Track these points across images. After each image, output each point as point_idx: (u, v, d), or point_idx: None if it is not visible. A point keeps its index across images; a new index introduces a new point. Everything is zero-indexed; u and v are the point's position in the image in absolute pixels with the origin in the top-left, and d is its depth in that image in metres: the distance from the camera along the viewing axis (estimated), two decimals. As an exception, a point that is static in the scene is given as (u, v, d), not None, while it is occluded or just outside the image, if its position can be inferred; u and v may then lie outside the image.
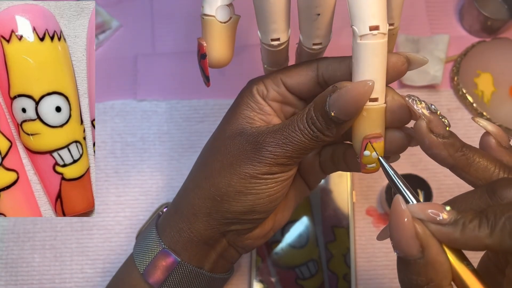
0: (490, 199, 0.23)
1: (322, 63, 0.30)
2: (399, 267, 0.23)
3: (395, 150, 0.29)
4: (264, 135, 0.30)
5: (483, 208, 0.22)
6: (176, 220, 0.33)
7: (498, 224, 0.21)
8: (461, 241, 0.22)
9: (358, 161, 0.29)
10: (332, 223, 0.45)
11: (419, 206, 0.23)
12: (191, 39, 0.51)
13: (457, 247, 0.22)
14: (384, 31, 0.26)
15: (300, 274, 0.43)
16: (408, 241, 0.22)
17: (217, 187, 0.31)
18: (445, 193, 0.45)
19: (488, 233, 0.21)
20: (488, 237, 0.21)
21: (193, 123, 0.48)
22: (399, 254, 0.23)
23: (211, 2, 0.29)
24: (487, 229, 0.21)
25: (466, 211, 0.22)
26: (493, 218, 0.21)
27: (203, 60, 0.30)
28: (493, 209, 0.22)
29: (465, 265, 0.23)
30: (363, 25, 0.26)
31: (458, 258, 0.23)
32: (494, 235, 0.21)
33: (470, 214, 0.22)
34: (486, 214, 0.21)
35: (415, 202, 0.25)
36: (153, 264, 0.33)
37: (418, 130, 0.26)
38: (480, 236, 0.21)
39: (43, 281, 0.44)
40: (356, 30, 0.26)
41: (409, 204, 0.23)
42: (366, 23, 0.26)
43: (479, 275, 0.23)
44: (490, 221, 0.21)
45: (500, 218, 0.21)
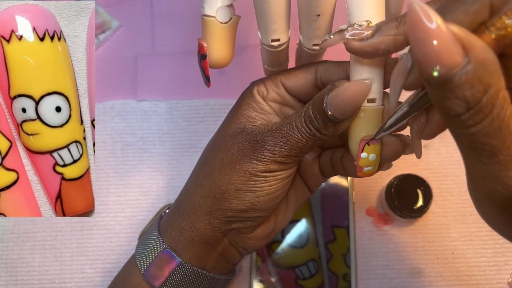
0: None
1: (320, 67, 0.31)
2: (440, 101, 0.19)
3: (389, 157, 0.29)
4: (263, 134, 0.30)
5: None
6: (177, 219, 0.34)
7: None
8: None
9: (355, 163, 0.29)
10: (332, 223, 0.45)
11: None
12: (191, 39, 0.51)
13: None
14: None
15: (300, 274, 0.43)
16: (448, 48, 0.18)
17: (218, 185, 0.31)
18: (445, 193, 0.45)
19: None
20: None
21: (193, 123, 0.48)
22: (441, 72, 0.18)
23: (212, 3, 0.29)
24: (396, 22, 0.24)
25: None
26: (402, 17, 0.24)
27: (204, 61, 0.30)
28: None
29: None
30: None
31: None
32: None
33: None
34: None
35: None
36: (154, 264, 0.33)
37: (355, 50, 0.26)
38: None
39: (43, 281, 0.44)
40: None
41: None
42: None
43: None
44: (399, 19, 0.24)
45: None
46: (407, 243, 0.44)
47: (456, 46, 0.18)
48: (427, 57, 0.18)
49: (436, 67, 0.18)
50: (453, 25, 0.18)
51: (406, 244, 0.44)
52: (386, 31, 0.24)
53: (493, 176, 0.20)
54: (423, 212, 0.42)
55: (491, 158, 0.19)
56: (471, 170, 0.21)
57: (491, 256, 0.44)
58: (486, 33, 0.21)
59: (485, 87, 0.18)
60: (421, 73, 0.19)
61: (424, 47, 0.18)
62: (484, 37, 0.21)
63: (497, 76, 0.18)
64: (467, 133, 0.19)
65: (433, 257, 0.44)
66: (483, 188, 0.21)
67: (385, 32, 0.24)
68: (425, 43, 0.18)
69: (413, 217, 0.43)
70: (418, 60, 0.18)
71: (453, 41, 0.18)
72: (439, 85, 0.18)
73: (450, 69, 0.18)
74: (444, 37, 0.18)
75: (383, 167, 0.31)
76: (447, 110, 0.19)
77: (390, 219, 0.45)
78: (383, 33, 0.24)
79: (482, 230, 0.45)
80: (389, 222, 0.45)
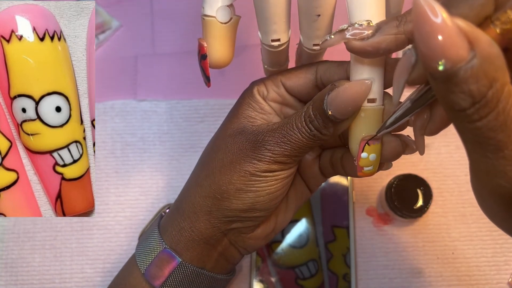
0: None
1: (321, 67, 0.31)
2: (445, 95, 0.19)
3: (389, 157, 0.29)
4: (264, 134, 0.30)
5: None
6: (177, 219, 0.34)
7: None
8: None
9: (355, 163, 0.29)
10: (332, 223, 0.45)
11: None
12: (191, 39, 0.51)
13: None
14: None
15: (300, 274, 0.43)
16: (454, 42, 0.18)
17: (218, 185, 0.31)
18: (445, 193, 0.45)
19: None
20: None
21: (193, 123, 0.48)
22: (446, 66, 0.18)
23: (212, 3, 0.29)
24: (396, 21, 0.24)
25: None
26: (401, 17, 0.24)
27: (204, 61, 0.30)
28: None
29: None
30: None
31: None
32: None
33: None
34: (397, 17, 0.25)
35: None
36: (154, 264, 0.33)
37: (356, 50, 0.26)
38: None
39: (43, 281, 0.44)
40: None
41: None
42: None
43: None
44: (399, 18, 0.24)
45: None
46: (407, 243, 0.44)
47: (461, 40, 0.18)
48: (432, 51, 0.18)
49: (441, 61, 0.18)
50: (459, 19, 0.18)
51: (406, 244, 0.44)
52: (387, 30, 0.24)
53: (498, 171, 0.20)
54: (423, 212, 0.42)
55: (496, 152, 0.19)
56: (475, 165, 0.21)
57: (491, 256, 0.44)
58: (491, 27, 0.21)
59: (490, 81, 0.18)
60: (426, 68, 0.19)
61: (429, 41, 0.18)
62: (489, 31, 0.21)
63: (502, 71, 0.18)
64: (472, 127, 0.19)
65: (433, 257, 0.44)
66: (487, 184, 0.21)
67: (386, 31, 0.24)
68: (430, 37, 0.18)
69: (413, 217, 0.43)
70: (423, 54, 0.18)
71: (459, 35, 0.18)
72: (444, 79, 0.18)
73: (456, 63, 0.18)
74: (449, 31, 0.18)
75: (383, 167, 0.31)
76: (452, 104, 0.19)
77: (390, 219, 0.45)
78: (384, 32, 0.24)
79: (482, 230, 0.45)
80: (389, 222, 0.45)
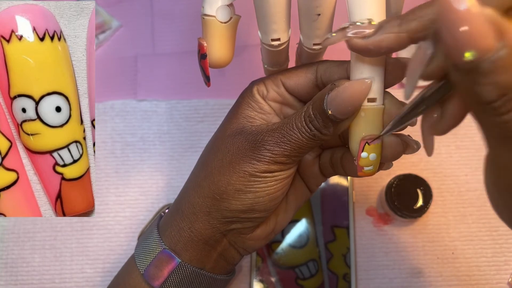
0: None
1: (321, 66, 0.31)
2: (470, 88, 0.18)
3: (390, 157, 0.29)
4: (263, 134, 0.30)
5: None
6: (176, 220, 0.33)
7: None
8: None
9: (355, 163, 0.29)
10: (332, 223, 0.45)
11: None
12: (191, 39, 0.51)
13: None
14: None
15: (300, 274, 0.43)
16: (481, 31, 0.17)
17: (217, 185, 0.31)
18: (445, 193, 0.45)
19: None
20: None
21: (193, 123, 0.48)
22: (473, 56, 0.17)
23: (212, 2, 0.29)
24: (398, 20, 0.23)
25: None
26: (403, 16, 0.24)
27: (204, 60, 0.30)
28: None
29: None
30: None
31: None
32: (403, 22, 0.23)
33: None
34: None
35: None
36: (154, 264, 0.33)
37: (357, 48, 0.25)
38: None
39: (43, 281, 0.44)
40: None
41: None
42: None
43: None
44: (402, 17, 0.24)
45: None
46: (407, 243, 0.44)
47: (489, 29, 0.17)
48: (458, 41, 0.17)
49: (468, 51, 0.17)
50: (486, 8, 0.17)
51: (406, 244, 0.44)
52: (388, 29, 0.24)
53: None
54: (423, 212, 0.42)
55: None
56: (497, 160, 0.20)
57: (491, 256, 0.44)
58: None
59: None
60: (450, 58, 0.18)
61: (455, 30, 0.17)
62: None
63: None
64: (499, 121, 0.18)
65: (433, 257, 0.44)
66: (510, 179, 0.20)
67: (387, 30, 0.24)
68: (456, 25, 0.17)
69: (413, 217, 0.43)
70: (448, 45, 0.18)
71: (487, 24, 0.17)
72: (469, 70, 0.18)
73: (484, 53, 0.17)
74: (477, 19, 0.17)
75: (384, 167, 0.31)
76: (478, 97, 0.18)
77: (390, 219, 0.45)
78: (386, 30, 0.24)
79: (482, 230, 0.45)
80: (389, 222, 0.45)
